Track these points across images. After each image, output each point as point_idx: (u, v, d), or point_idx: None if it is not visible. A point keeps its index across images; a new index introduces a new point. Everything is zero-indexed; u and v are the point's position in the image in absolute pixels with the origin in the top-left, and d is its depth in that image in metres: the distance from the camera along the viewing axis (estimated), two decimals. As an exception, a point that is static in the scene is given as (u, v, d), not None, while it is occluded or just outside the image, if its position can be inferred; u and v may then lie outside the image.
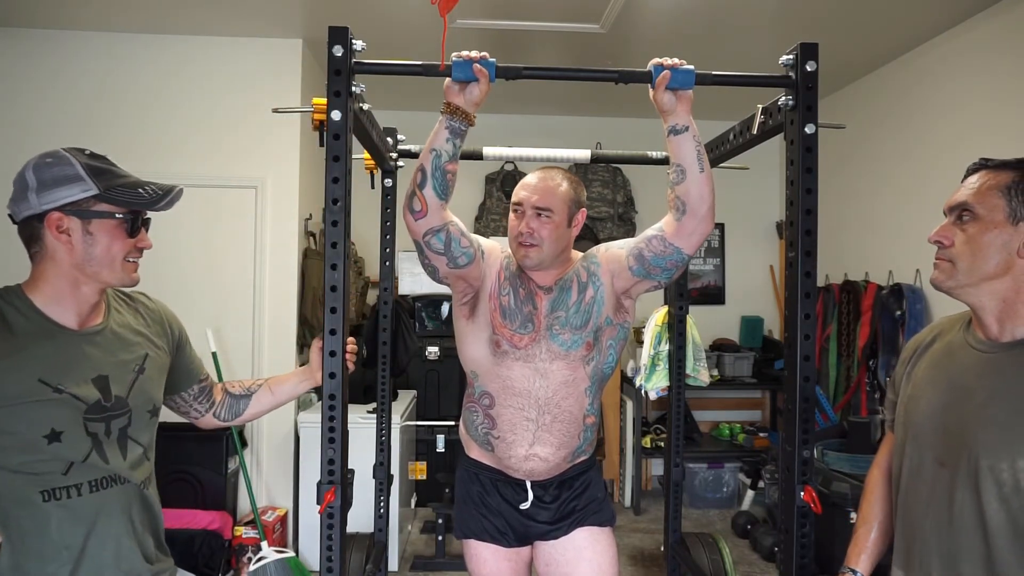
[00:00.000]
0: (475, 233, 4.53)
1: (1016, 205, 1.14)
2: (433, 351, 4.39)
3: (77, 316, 1.26)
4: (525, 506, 1.76)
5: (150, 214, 1.33)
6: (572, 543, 1.76)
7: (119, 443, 1.28)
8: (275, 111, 2.07)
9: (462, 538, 1.84)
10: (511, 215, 1.74)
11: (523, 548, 1.82)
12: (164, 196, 1.28)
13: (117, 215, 1.24)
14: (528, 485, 1.76)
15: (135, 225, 1.27)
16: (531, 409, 1.68)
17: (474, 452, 1.82)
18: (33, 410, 1.18)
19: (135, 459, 1.31)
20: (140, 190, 1.26)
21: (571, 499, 1.78)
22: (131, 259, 1.29)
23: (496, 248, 1.79)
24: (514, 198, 1.73)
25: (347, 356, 1.49)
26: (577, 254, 1.82)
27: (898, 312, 3.62)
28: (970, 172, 1.24)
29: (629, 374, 4.30)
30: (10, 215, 1.25)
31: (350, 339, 1.54)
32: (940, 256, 1.21)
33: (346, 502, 1.48)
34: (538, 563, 1.82)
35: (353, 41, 1.44)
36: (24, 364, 1.18)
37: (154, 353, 1.39)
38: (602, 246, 1.79)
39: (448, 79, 1.48)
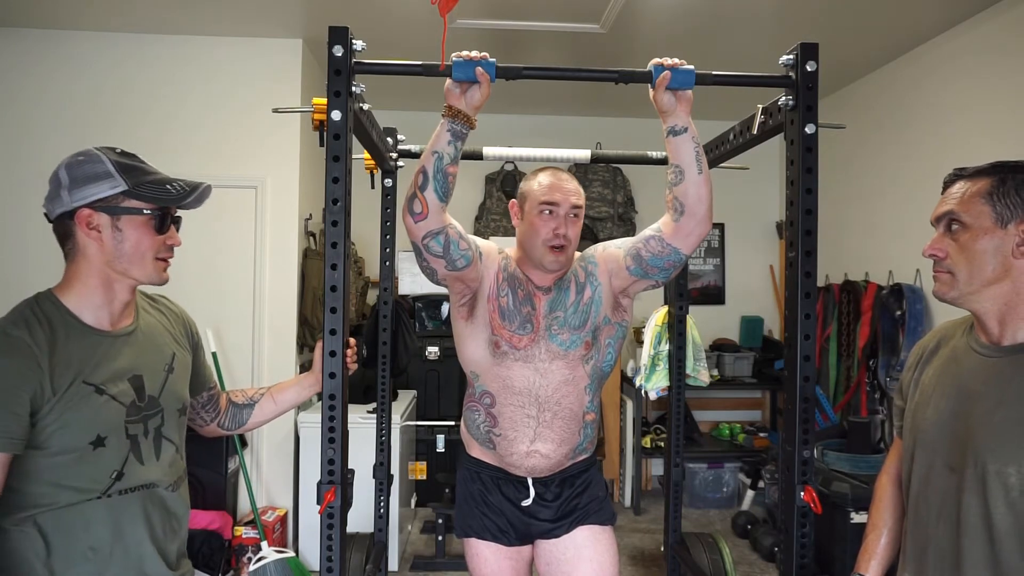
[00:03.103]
0: (475, 233, 4.52)
1: (1001, 208, 1.15)
2: (433, 351, 4.39)
3: (110, 315, 1.27)
4: (527, 503, 1.77)
5: (181, 213, 1.34)
6: (573, 542, 1.77)
7: (154, 443, 1.29)
8: (275, 111, 2.07)
9: (463, 537, 1.84)
10: (538, 217, 1.69)
11: (524, 547, 1.82)
12: (191, 192, 1.29)
13: (145, 211, 1.25)
14: (530, 482, 1.77)
15: (164, 222, 1.28)
16: (531, 407, 1.69)
17: (475, 451, 1.83)
18: (80, 413, 1.18)
19: (169, 458, 1.32)
20: (168, 186, 1.27)
21: (572, 497, 1.79)
22: (161, 257, 1.30)
23: (493, 249, 1.78)
24: (546, 198, 1.68)
25: (347, 358, 1.49)
26: (574, 254, 1.82)
27: (898, 312, 3.62)
28: (948, 184, 1.25)
29: (629, 374, 4.31)
30: (45, 214, 1.26)
31: (351, 339, 1.54)
32: (938, 269, 1.22)
33: (346, 502, 1.48)
34: (539, 562, 1.82)
35: (353, 41, 1.44)
36: (68, 365, 1.18)
37: (180, 353, 1.41)
38: (599, 246, 1.80)
39: (449, 82, 1.48)
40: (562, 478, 1.78)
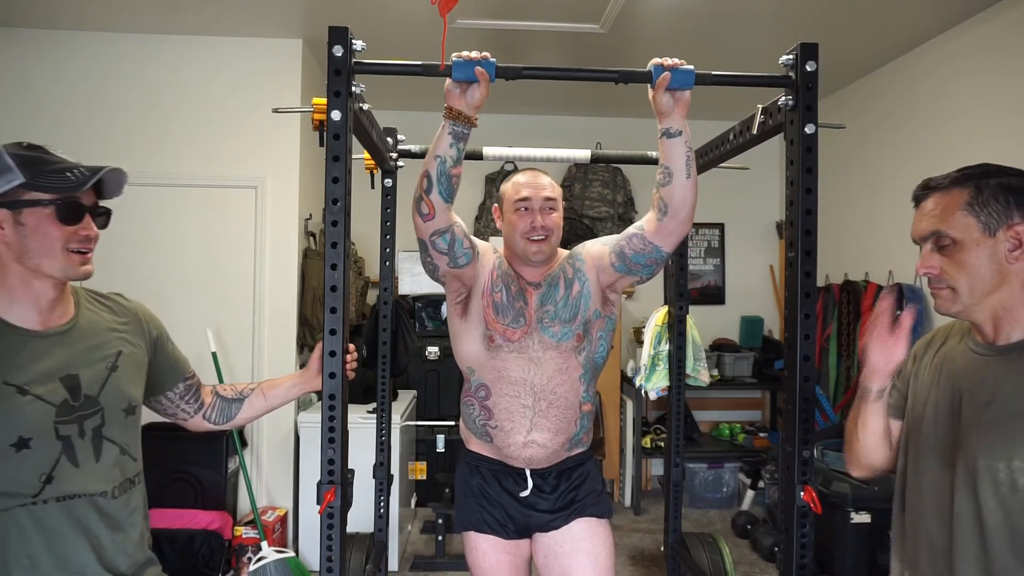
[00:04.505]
0: (475, 233, 4.53)
1: (986, 218, 1.16)
2: (433, 351, 4.39)
3: (38, 314, 1.23)
4: (525, 494, 1.79)
5: (108, 204, 1.29)
6: (571, 534, 1.79)
7: (93, 444, 1.24)
8: (275, 111, 2.08)
9: (462, 531, 1.87)
10: (514, 214, 1.78)
11: (522, 541, 1.84)
12: (92, 176, 1.22)
13: (46, 201, 1.19)
14: (527, 473, 1.80)
15: (72, 212, 1.22)
16: (527, 396, 1.72)
17: (473, 445, 1.86)
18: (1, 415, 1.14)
19: (111, 460, 1.27)
20: (68, 174, 1.21)
21: (570, 490, 1.82)
22: (74, 248, 1.23)
23: (489, 248, 1.84)
24: (517, 196, 1.77)
25: (347, 366, 1.48)
26: (562, 252, 1.87)
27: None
28: (920, 198, 1.25)
29: (629, 374, 4.30)
30: None
31: (351, 345, 1.53)
32: (936, 286, 1.22)
33: (346, 502, 1.48)
34: (537, 556, 1.84)
35: (353, 41, 1.44)
36: None
37: (128, 350, 1.34)
38: (587, 243, 1.86)
39: (448, 83, 1.48)
40: (559, 470, 1.81)
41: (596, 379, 1.84)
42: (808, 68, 1.50)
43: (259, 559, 3.06)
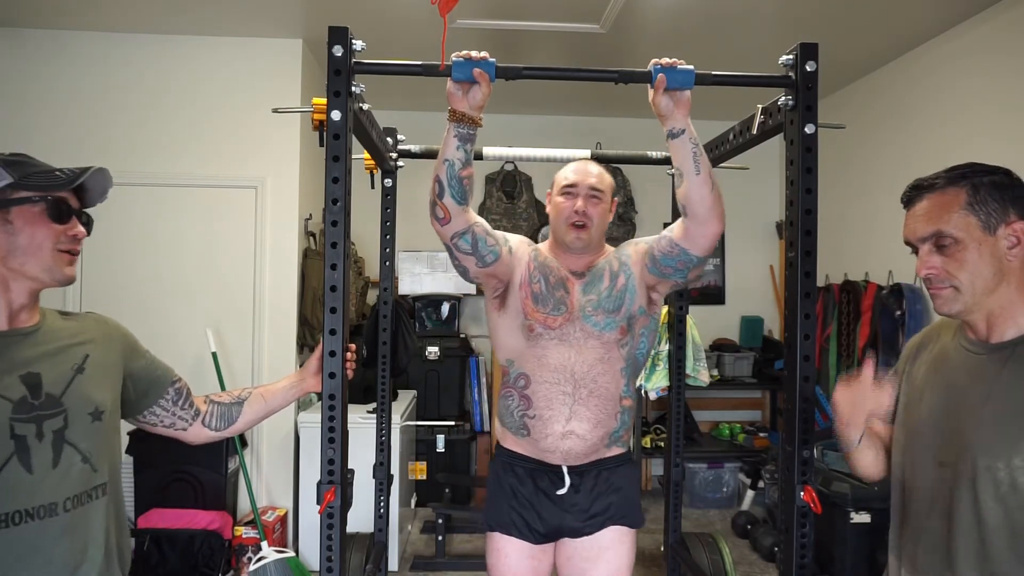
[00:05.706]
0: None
1: (985, 216, 1.16)
2: (433, 351, 4.38)
3: (7, 315, 1.21)
4: (562, 492, 1.75)
5: (90, 211, 1.29)
6: (598, 541, 1.77)
7: (53, 448, 1.17)
8: (275, 111, 2.08)
9: (489, 531, 1.83)
10: (560, 198, 1.80)
11: (548, 547, 1.80)
12: (80, 175, 1.23)
13: (36, 199, 1.19)
14: (565, 471, 1.76)
15: (60, 211, 1.22)
16: (567, 383, 1.69)
17: (509, 442, 1.83)
18: None
19: (70, 468, 1.19)
20: (57, 172, 1.22)
21: (608, 493, 1.78)
22: (63, 248, 1.22)
23: (524, 242, 1.85)
24: (565, 182, 1.80)
25: (347, 364, 1.47)
26: (609, 248, 1.87)
27: (898, 312, 3.62)
28: (912, 199, 1.26)
29: (629, 374, 4.30)
30: None
31: (351, 345, 1.53)
32: (938, 286, 1.21)
33: (346, 502, 1.48)
34: (560, 558, 1.82)
35: (353, 41, 1.44)
36: None
37: (97, 354, 1.30)
38: (632, 241, 1.86)
39: (450, 84, 1.48)
40: (598, 471, 1.77)
41: (636, 376, 1.84)
42: (808, 68, 1.50)
43: (259, 559, 3.06)
